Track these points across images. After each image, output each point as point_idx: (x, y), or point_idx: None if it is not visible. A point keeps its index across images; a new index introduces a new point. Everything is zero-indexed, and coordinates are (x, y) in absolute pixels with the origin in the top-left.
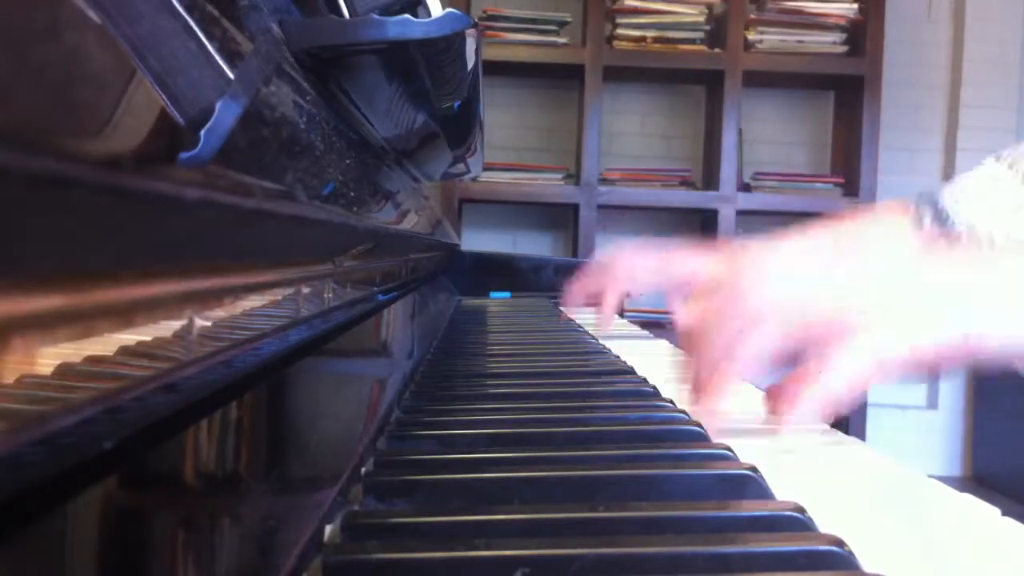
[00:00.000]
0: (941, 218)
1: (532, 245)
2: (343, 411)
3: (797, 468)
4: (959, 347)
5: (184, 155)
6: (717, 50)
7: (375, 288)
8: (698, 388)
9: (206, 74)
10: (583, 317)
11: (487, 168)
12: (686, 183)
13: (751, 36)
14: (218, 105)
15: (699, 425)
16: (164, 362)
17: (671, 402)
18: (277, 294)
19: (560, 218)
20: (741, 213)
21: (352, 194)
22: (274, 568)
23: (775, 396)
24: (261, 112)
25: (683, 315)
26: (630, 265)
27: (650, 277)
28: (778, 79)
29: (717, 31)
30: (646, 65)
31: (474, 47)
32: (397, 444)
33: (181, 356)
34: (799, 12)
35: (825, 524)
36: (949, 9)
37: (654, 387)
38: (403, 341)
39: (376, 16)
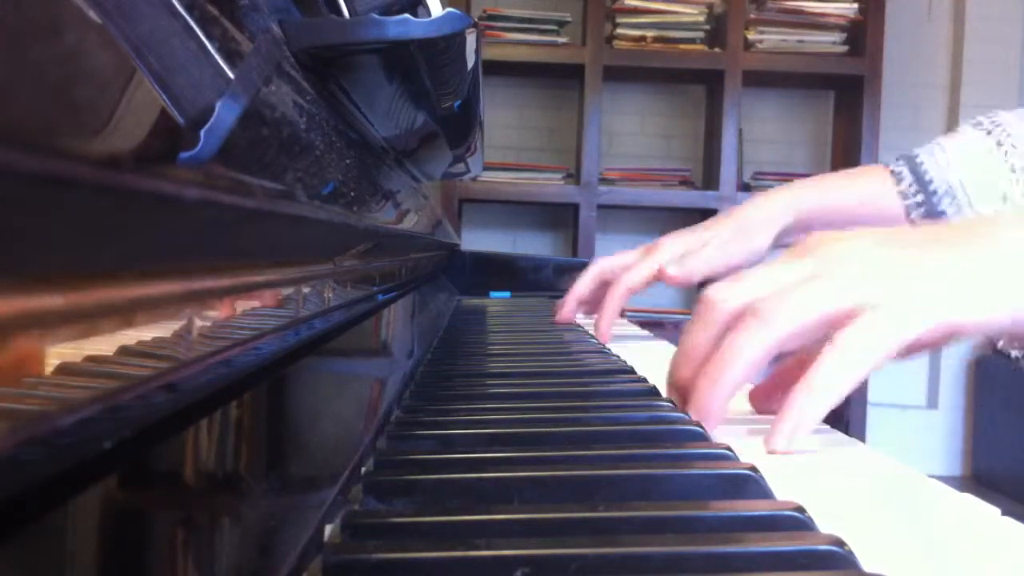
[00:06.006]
0: (920, 178)
1: (532, 245)
2: (343, 411)
3: (797, 468)
4: (945, 333)
5: (184, 155)
6: (717, 50)
7: (375, 288)
8: (697, 408)
9: (206, 74)
10: (583, 318)
11: (487, 168)
12: (686, 183)
13: (751, 36)
14: (218, 105)
15: (699, 425)
16: (164, 362)
17: (671, 402)
18: (277, 294)
19: (560, 218)
20: None
21: (352, 194)
22: (274, 568)
23: (759, 398)
24: (261, 112)
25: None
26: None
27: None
28: (778, 79)
29: (717, 31)
30: (646, 65)
31: (474, 47)
32: (397, 444)
33: (181, 356)
34: (799, 12)
35: (825, 524)
36: (949, 9)
37: (654, 386)
38: (403, 341)
39: (376, 16)
